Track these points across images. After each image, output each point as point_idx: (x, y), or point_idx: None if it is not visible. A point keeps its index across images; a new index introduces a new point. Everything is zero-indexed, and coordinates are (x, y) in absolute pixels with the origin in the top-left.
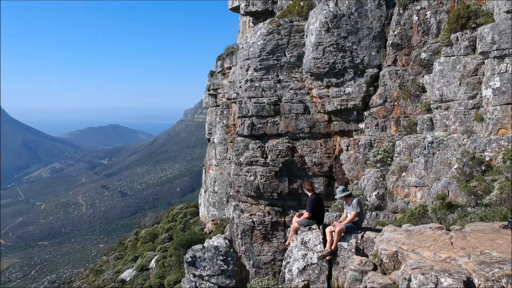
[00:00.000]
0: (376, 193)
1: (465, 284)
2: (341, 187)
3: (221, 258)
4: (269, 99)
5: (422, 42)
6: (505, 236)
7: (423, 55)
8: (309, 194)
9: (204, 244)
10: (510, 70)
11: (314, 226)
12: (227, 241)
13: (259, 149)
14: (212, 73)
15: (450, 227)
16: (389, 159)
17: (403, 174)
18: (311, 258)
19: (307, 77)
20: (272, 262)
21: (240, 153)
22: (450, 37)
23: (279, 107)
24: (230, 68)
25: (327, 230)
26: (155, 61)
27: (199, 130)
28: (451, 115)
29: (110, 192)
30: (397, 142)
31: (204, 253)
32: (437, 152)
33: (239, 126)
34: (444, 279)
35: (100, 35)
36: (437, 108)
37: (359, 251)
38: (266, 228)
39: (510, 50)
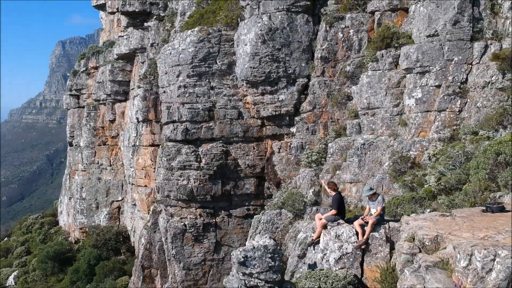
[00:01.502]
0: (312, 190)
1: None
2: (367, 186)
3: (269, 255)
4: (204, 105)
5: (346, 56)
6: (499, 218)
7: (348, 68)
8: (333, 193)
9: (254, 244)
10: (429, 83)
11: (341, 221)
12: (272, 240)
13: (193, 154)
14: (75, 73)
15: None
16: (322, 159)
17: (338, 172)
18: (346, 249)
19: (242, 84)
20: (203, 263)
21: (171, 158)
22: (376, 54)
23: (213, 112)
24: (96, 68)
25: (356, 223)
26: None
27: (28, 132)
28: (378, 120)
29: None
30: (329, 144)
31: (255, 252)
32: (369, 152)
33: (171, 131)
34: (501, 251)
35: None
36: (364, 114)
37: (388, 239)
38: (198, 230)
39: (430, 67)
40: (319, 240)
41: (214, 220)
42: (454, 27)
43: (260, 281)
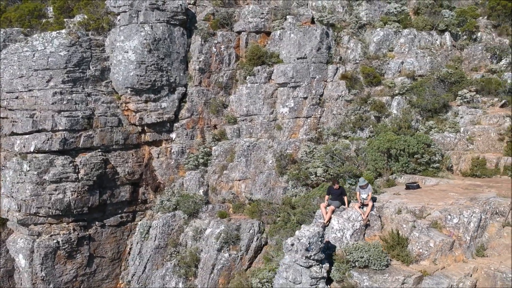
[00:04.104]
0: (202, 190)
1: (481, 210)
2: (362, 178)
3: (320, 239)
4: (84, 113)
5: (219, 69)
6: (431, 191)
7: (221, 79)
8: (339, 187)
9: (312, 233)
10: (299, 95)
11: (344, 206)
12: (319, 227)
13: (70, 165)
14: None
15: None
16: (208, 161)
17: (225, 172)
18: (356, 226)
19: (126, 91)
20: (74, 279)
21: (43, 171)
22: (253, 69)
23: (93, 120)
24: None
25: (357, 206)
26: None
27: None
28: (257, 125)
29: None
30: (214, 147)
31: (313, 238)
32: (253, 152)
33: (44, 142)
34: (475, 209)
35: None
36: (243, 120)
37: (378, 215)
38: (72, 246)
39: (301, 83)
40: (329, 223)
41: (87, 233)
42: (318, 52)
43: (313, 261)
